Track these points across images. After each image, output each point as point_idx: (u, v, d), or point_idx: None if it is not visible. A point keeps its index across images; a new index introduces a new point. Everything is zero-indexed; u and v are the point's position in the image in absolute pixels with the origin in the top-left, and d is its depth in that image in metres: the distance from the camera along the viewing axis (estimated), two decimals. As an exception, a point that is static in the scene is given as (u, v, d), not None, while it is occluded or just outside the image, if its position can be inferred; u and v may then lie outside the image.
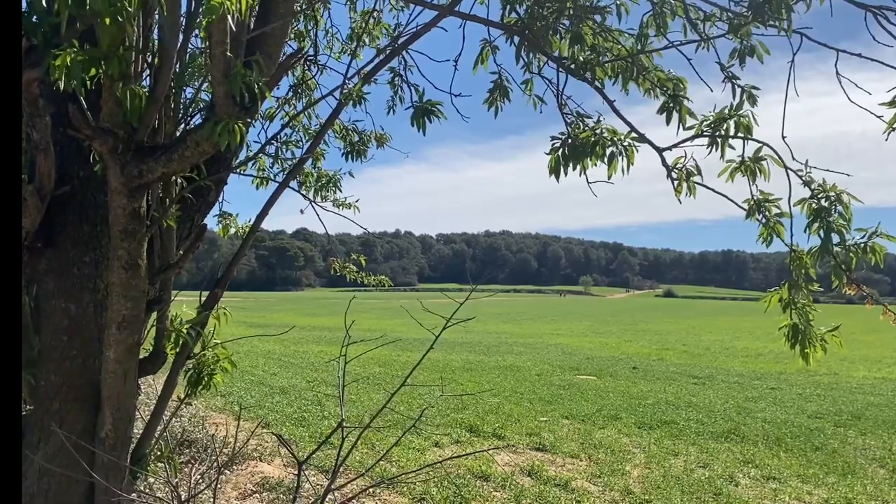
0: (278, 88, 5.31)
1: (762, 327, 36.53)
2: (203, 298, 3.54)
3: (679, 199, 3.44)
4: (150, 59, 3.15)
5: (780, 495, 7.25)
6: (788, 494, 7.29)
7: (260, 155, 5.09)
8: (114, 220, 2.90)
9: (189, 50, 3.71)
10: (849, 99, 3.29)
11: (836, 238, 3.19)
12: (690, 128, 3.46)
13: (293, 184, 5.33)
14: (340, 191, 5.62)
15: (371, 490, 6.43)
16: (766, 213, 3.38)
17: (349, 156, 5.52)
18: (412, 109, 3.90)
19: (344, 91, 3.62)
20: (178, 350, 3.45)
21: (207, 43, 2.65)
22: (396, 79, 5.17)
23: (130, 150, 2.77)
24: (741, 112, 3.39)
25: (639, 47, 3.52)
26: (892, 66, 3.16)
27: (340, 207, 5.61)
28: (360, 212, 5.64)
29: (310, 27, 5.40)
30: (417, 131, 3.85)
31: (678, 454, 8.76)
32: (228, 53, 2.54)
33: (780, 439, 9.83)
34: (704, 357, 22.90)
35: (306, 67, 5.40)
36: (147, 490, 4.10)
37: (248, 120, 2.70)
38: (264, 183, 4.90)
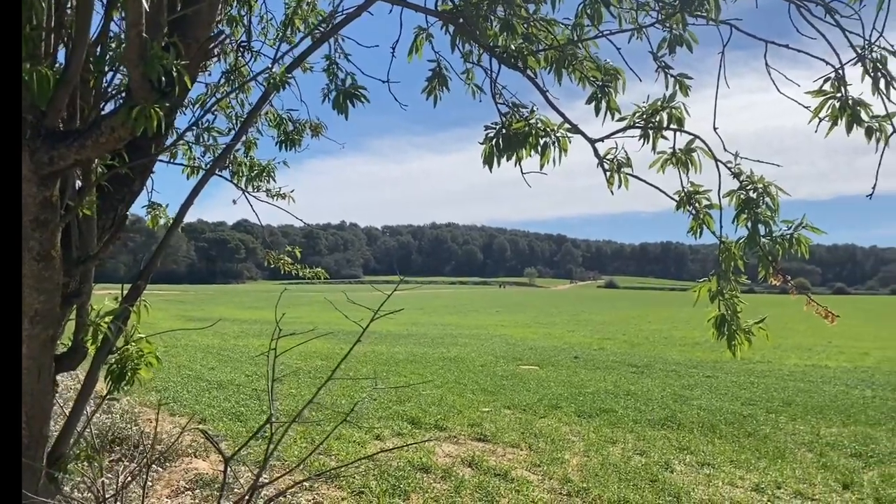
0: (209, 75, 5.15)
1: (699, 317, 37.27)
2: (125, 291, 3.40)
3: (611, 191, 3.45)
4: (65, 40, 2.99)
5: (714, 481, 7.42)
6: (721, 480, 7.47)
7: (184, 142, 4.93)
8: (24, 209, 2.74)
9: (114, 32, 3.55)
10: (778, 90, 3.34)
11: (763, 229, 3.25)
12: (623, 119, 3.48)
13: (225, 173, 5.19)
14: (274, 181, 5.50)
15: (309, 485, 6.34)
16: (697, 204, 3.41)
17: (283, 145, 5.40)
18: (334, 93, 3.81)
19: (269, 76, 3.50)
20: (98, 345, 3.30)
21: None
22: (332, 67, 5.06)
23: (40, 135, 2.62)
24: (673, 104, 3.41)
25: (574, 37, 3.51)
26: (818, 58, 3.22)
27: (275, 198, 5.49)
28: (295, 202, 5.54)
29: (243, 13, 5.25)
30: (338, 115, 3.77)
31: (616, 442, 8.89)
32: (144, 34, 2.42)
33: (715, 426, 10.07)
34: (644, 346, 23.33)
35: (239, 54, 5.25)
36: (68, 491, 3.93)
37: (167, 105, 2.58)
38: (194, 172, 4.74)
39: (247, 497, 3.03)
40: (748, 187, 3.27)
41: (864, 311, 67.01)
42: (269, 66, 3.88)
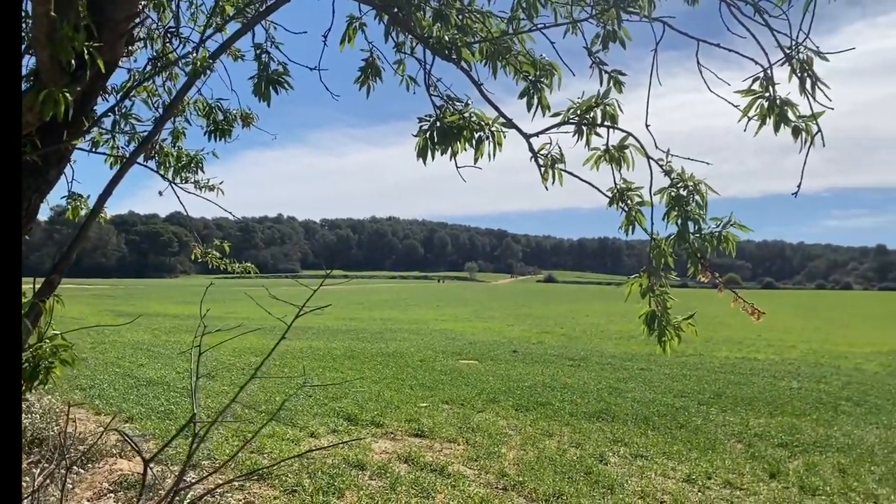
0: (135, 61, 4.95)
1: (634, 311, 38.04)
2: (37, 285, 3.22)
3: (546, 186, 3.43)
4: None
5: (647, 472, 7.55)
6: (654, 471, 7.60)
7: (103, 130, 4.72)
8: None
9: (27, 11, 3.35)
10: (709, 89, 3.37)
11: (692, 226, 3.28)
12: (558, 114, 3.47)
13: (151, 164, 5.00)
14: (203, 172, 5.32)
15: (240, 484, 6.19)
16: (629, 201, 3.43)
17: (213, 135, 5.22)
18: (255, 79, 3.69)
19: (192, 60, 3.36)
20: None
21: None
22: (263, 55, 4.92)
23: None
24: (607, 100, 3.41)
25: (510, 30, 3.48)
26: (748, 57, 3.27)
27: (203, 190, 5.31)
28: (224, 194, 5.37)
29: (171, -3, 5.06)
30: (260, 102, 3.65)
31: (552, 435, 8.97)
32: (53, 13, 2.27)
33: (648, 418, 10.26)
34: (581, 340, 23.67)
35: (167, 40, 5.06)
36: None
37: (79, 89, 2.43)
38: (118, 161, 4.54)
39: (168, 498, 2.91)
40: (679, 185, 3.30)
41: (791, 305, 69.57)
42: (191, 51, 3.72)
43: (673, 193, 3.33)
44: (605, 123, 3.39)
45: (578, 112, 3.40)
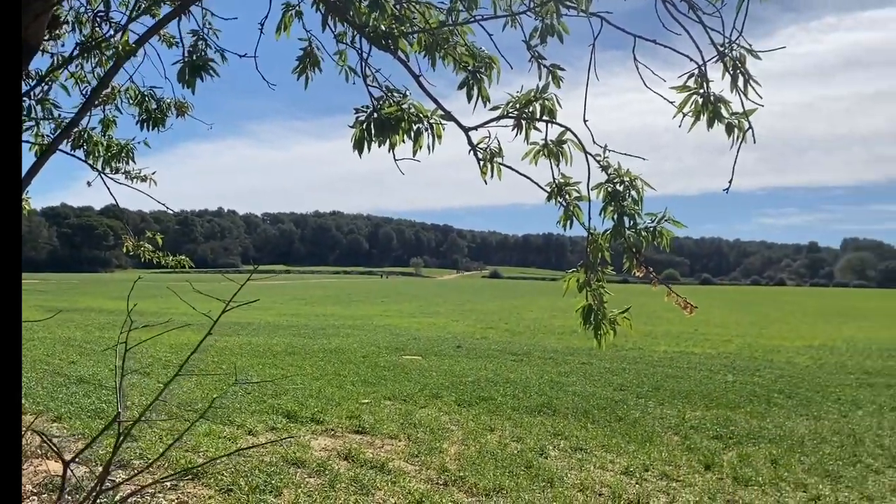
0: (62, 46, 4.75)
1: (577, 306, 38.67)
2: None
3: (485, 180, 3.42)
4: None
5: (586, 465, 7.63)
6: (593, 464, 7.69)
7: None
8: None
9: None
10: (645, 85, 3.40)
11: (628, 221, 3.31)
12: (497, 108, 3.45)
13: (80, 153, 4.81)
14: (134, 161, 5.13)
15: (172, 483, 6.02)
16: (567, 196, 3.44)
17: (145, 124, 5.04)
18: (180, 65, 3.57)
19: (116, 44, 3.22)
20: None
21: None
22: (200, 42, 4.78)
23: None
24: (546, 95, 3.41)
25: (448, 20, 3.44)
26: (683, 54, 3.30)
27: (135, 180, 5.13)
28: (157, 185, 5.20)
29: (101, -20, 4.86)
30: (184, 88, 3.55)
31: (494, 429, 9.00)
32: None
33: (588, 411, 10.39)
34: (524, 335, 23.88)
35: (96, 24, 4.86)
36: None
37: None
38: (42, 150, 4.34)
39: (91, 499, 2.79)
40: (615, 180, 3.32)
41: (727, 300, 71.59)
42: (114, 34, 3.58)
43: (610, 189, 3.35)
44: (544, 118, 3.39)
45: (517, 106, 3.39)
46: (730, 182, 3.11)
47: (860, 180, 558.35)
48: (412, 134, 3.29)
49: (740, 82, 3.18)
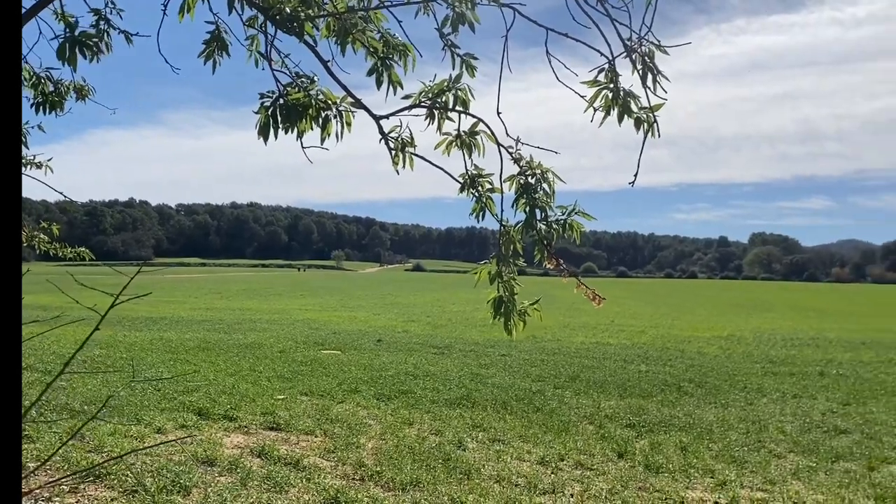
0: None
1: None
2: None
3: (396, 171, 3.35)
4: None
5: (503, 456, 7.69)
6: (510, 455, 7.76)
7: None
8: None
9: None
10: (557, 79, 3.40)
11: (539, 214, 3.31)
12: (409, 97, 3.39)
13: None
14: (27, 147, 4.82)
15: (73, 485, 5.73)
16: (480, 188, 3.41)
17: (41, 108, 4.74)
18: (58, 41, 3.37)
19: None
20: None
21: None
22: (102, 23, 4.53)
23: None
24: (459, 85, 3.38)
25: (357, 6, 3.35)
26: (594, 48, 3.31)
27: (29, 167, 4.83)
28: (53, 172, 4.91)
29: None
30: (64, 66, 3.34)
31: (413, 423, 8.97)
32: None
33: (507, 403, 10.49)
34: (446, 328, 23.94)
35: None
36: None
37: None
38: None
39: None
40: (527, 173, 3.31)
41: (642, 292, 73.84)
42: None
43: (522, 181, 3.34)
44: (457, 108, 3.35)
45: (430, 95, 3.33)
46: (635, 176, 3.15)
47: (767, 178, 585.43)
48: (320, 121, 3.19)
49: (649, 80, 3.21)
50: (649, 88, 3.16)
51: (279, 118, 3.20)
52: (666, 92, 3.12)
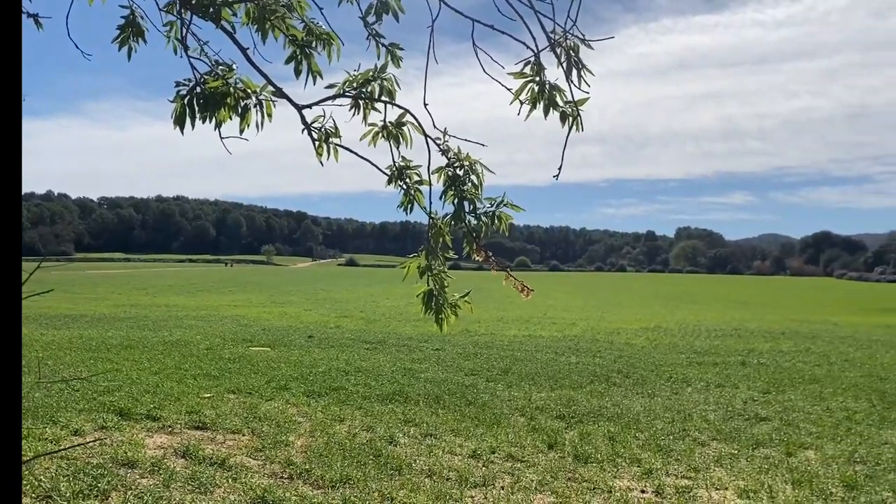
0: None
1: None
2: None
3: (321, 162, 3.26)
4: None
5: (435, 450, 7.68)
6: (442, 449, 7.75)
7: None
8: None
9: None
10: (483, 70, 3.36)
11: (468, 206, 3.28)
12: (333, 86, 3.31)
13: None
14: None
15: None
16: (408, 180, 3.36)
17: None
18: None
19: None
20: None
21: None
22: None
23: None
24: (385, 75, 3.31)
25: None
26: (520, 41, 3.29)
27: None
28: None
29: None
30: None
31: (344, 420, 8.87)
32: None
33: (440, 397, 10.48)
34: (379, 323, 23.82)
35: None
36: None
37: None
38: None
39: None
40: (455, 165, 3.27)
41: (574, 285, 75.26)
42: None
43: (450, 173, 3.30)
44: (383, 98, 3.28)
45: (355, 85, 3.25)
46: (559, 169, 3.14)
47: (691, 174, 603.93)
48: (239, 111, 3.07)
49: (574, 75, 3.20)
50: (573, 83, 3.15)
51: (196, 107, 3.07)
52: (589, 86, 3.12)
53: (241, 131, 3.12)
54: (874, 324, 29.07)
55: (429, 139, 3.30)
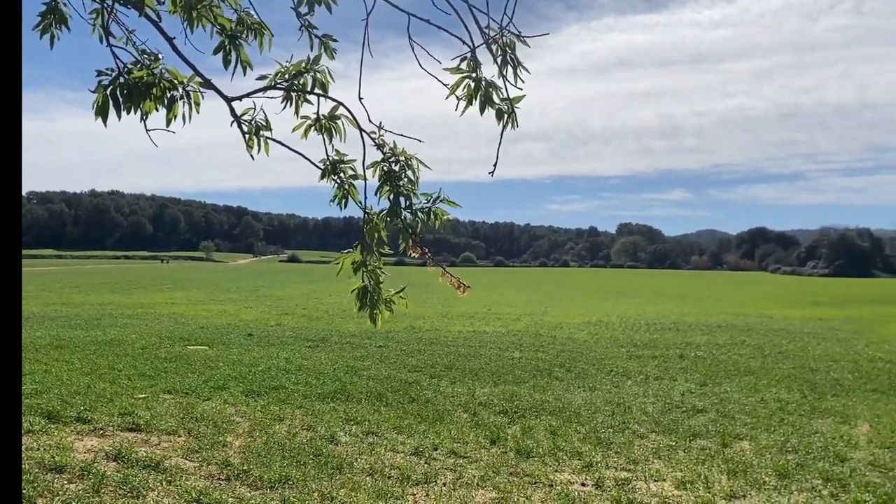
0: None
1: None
2: None
3: (251, 155, 3.17)
4: None
5: (377, 448, 7.61)
6: (384, 447, 7.69)
7: None
8: None
9: None
10: (420, 65, 3.32)
11: (404, 202, 3.24)
12: (263, 77, 3.22)
13: None
14: None
15: None
16: (342, 174, 3.29)
17: None
18: None
19: None
20: None
21: None
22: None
23: None
24: (318, 67, 3.23)
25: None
26: (456, 36, 3.26)
27: None
28: None
29: None
30: None
31: (284, 419, 8.73)
32: None
33: (382, 395, 10.41)
34: (322, 320, 23.55)
35: None
36: None
37: None
38: None
39: None
40: (391, 159, 3.22)
41: (518, 281, 75.89)
42: None
43: (385, 168, 3.24)
44: (316, 91, 3.20)
45: (287, 77, 3.17)
46: (494, 166, 3.13)
47: (632, 171, 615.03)
48: (165, 102, 2.96)
49: (509, 72, 3.18)
50: (508, 80, 3.13)
51: (119, 98, 2.94)
52: (524, 82, 3.11)
53: (168, 123, 3.01)
54: (806, 317, 30.09)
55: (364, 133, 3.24)
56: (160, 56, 3.07)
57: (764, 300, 45.40)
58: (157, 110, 3.01)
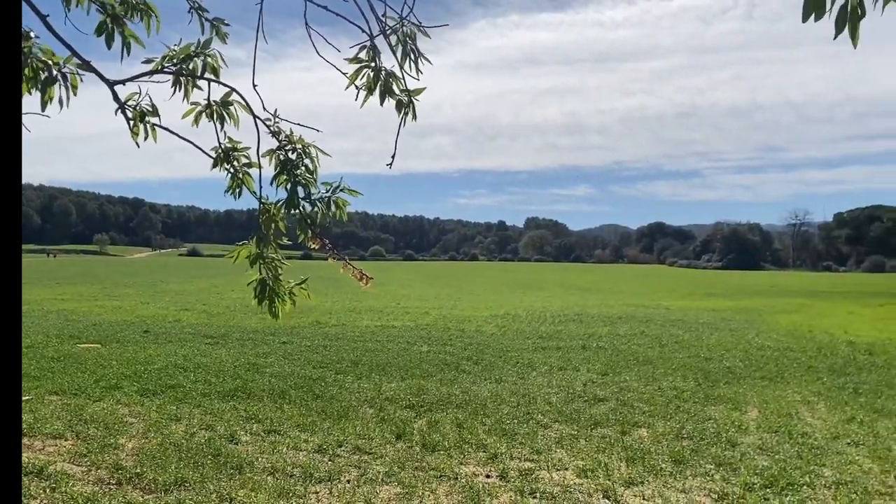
0: None
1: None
2: None
3: (136, 143, 2.99)
4: None
5: (279, 447, 7.44)
6: (286, 445, 7.52)
7: None
8: None
9: None
10: (317, 52, 3.21)
11: (302, 192, 3.13)
12: (150, 61, 3.04)
13: None
14: None
15: None
16: (235, 162, 3.15)
17: None
18: None
19: None
20: None
21: None
22: None
23: None
24: (209, 51, 3.08)
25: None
26: (356, 24, 3.17)
27: None
28: None
29: None
30: None
31: (181, 419, 8.41)
32: None
33: (285, 392, 10.18)
34: (223, 316, 22.84)
35: None
36: None
37: None
38: None
39: None
40: (287, 147, 3.11)
41: (428, 274, 76.04)
42: None
43: (282, 157, 3.13)
44: (207, 76, 3.05)
45: (175, 61, 3.00)
46: (392, 157, 3.07)
47: (539, 166, 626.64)
48: (39, 84, 2.74)
49: (408, 64, 3.13)
50: (407, 72, 3.08)
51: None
52: (422, 73, 3.06)
53: (44, 107, 2.80)
54: (701, 307, 31.42)
55: (258, 120, 3.11)
56: (32, 35, 2.84)
57: (662, 292, 47.15)
58: (31, 93, 2.79)
